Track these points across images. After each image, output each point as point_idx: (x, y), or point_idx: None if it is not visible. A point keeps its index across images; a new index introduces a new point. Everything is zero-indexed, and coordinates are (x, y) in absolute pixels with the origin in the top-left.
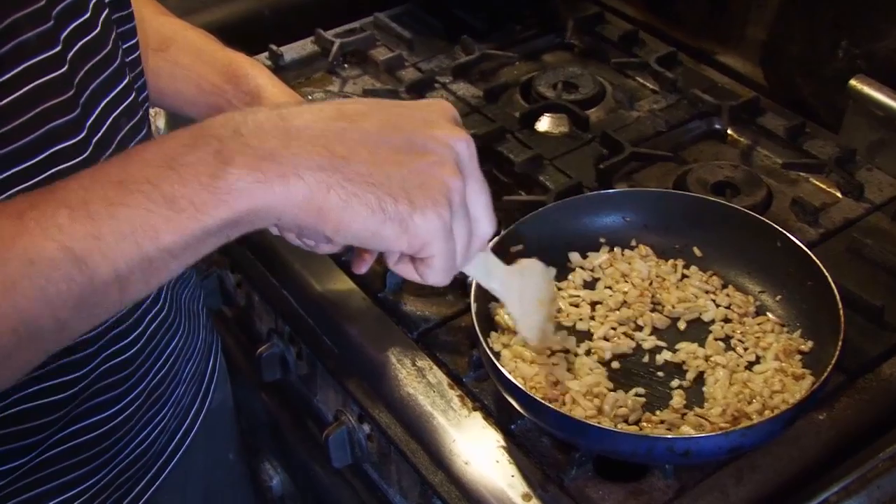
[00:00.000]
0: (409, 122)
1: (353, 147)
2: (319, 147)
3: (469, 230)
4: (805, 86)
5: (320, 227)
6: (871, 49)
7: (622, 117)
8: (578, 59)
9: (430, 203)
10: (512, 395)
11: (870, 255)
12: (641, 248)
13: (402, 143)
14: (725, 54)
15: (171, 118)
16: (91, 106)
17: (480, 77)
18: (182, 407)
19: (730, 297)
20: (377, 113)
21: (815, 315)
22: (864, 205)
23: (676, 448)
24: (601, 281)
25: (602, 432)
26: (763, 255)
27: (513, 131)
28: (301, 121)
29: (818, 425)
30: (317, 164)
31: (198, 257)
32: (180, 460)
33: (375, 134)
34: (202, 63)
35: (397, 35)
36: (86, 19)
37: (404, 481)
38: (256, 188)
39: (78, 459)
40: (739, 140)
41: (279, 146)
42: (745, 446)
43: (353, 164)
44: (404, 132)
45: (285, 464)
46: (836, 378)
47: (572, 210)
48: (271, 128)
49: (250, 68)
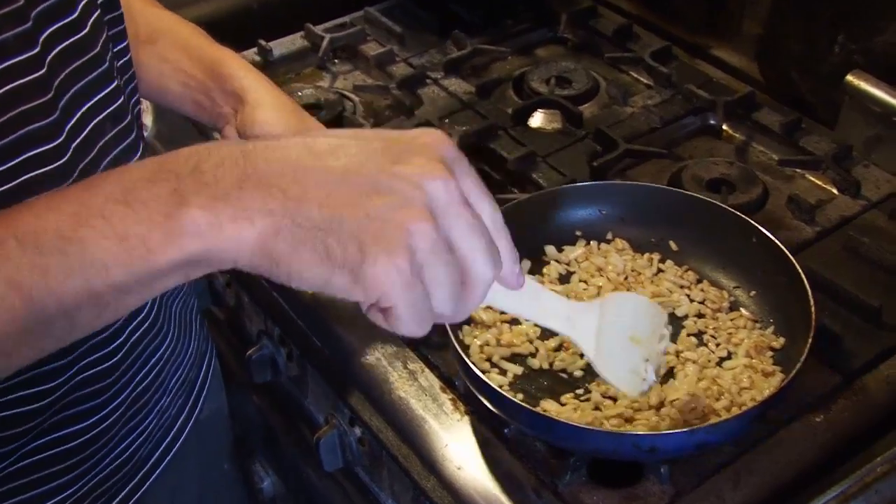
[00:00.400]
0: (381, 159)
1: (309, 188)
2: (274, 189)
3: (452, 275)
4: (801, 81)
5: (275, 273)
6: (868, 44)
7: (616, 113)
8: (572, 53)
9: (382, 251)
10: (481, 391)
11: (867, 254)
12: (618, 241)
13: (366, 183)
14: (720, 49)
15: (157, 116)
16: (72, 109)
17: (472, 72)
18: (168, 416)
19: (704, 293)
20: (350, 149)
21: (789, 311)
22: (860, 202)
23: (642, 444)
24: (576, 275)
25: (568, 428)
26: (739, 250)
27: (505, 128)
28: (263, 159)
29: (815, 428)
30: (268, 208)
31: (156, 293)
32: (168, 468)
33: (339, 174)
34: (189, 59)
35: (388, 30)
36: (71, 21)
37: (396, 485)
38: (208, 230)
39: (55, 469)
40: (734, 136)
41: (234, 187)
42: (711, 443)
43: (305, 208)
44: (370, 172)
45: (276, 466)
46: (832, 379)
47: (548, 203)
48: (231, 166)
49: (237, 68)
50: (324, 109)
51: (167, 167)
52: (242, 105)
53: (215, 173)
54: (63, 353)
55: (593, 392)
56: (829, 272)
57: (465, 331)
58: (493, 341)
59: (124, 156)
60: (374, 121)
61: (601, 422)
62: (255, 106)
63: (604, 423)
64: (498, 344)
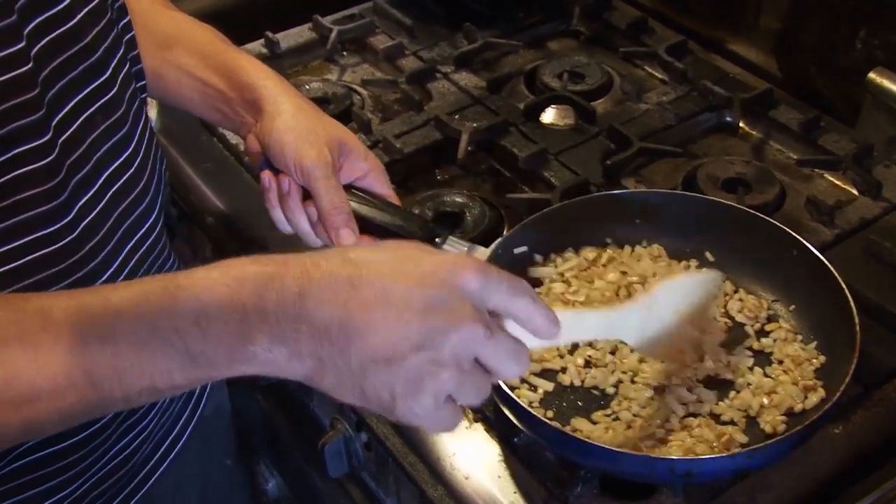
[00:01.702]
0: (416, 312)
1: (353, 340)
2: (324, 339)
3: (481, 384)
4: (821, 77)
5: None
6: (891, 40)
7: (630, 110)
8: (585, 47)
9: (411, 399)
10: (509, 408)
11: (888, 259)
12: (654, 247)
13: (402, 341)
14: (737, 43)
15: (162, 109)
16: (58, 104)
17: (483, 66)
18: (169, 416)
19: (742, 302)
20: (392, 298)
21: (830, 329)
22: (881, 204)
23: (677, 469)
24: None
25: (601, 451)
26: (778, 262)
27: (517, 124)
28: (315, 301)
29: (833, 439)
30: (318, 355)
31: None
32: (170, 467)
33: (379, 326)
34: (206, 67)
35: (398, 21)
36: (57, 11)
37: (403, 493)
38: (266, 364)
39: (52, 469)
40: (751, 134)
41: (292, 329)
42: (752, 468)
43: (347, 357)
44: (406, 330)
45: (281, 468)
46: (852, 389)
47: (581, 210)
48: (290, 305)
49: (255, 76)
50: (332, 103)
51: (237, 297)
52: (262, 115)
53: (276, 313)
54: None
55: (623, 411)
56: (848, 277)
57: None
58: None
59: (116, 149)
60: (382, 115)
61: (634, 443)
62: (274, 115)
63: (637, 444)
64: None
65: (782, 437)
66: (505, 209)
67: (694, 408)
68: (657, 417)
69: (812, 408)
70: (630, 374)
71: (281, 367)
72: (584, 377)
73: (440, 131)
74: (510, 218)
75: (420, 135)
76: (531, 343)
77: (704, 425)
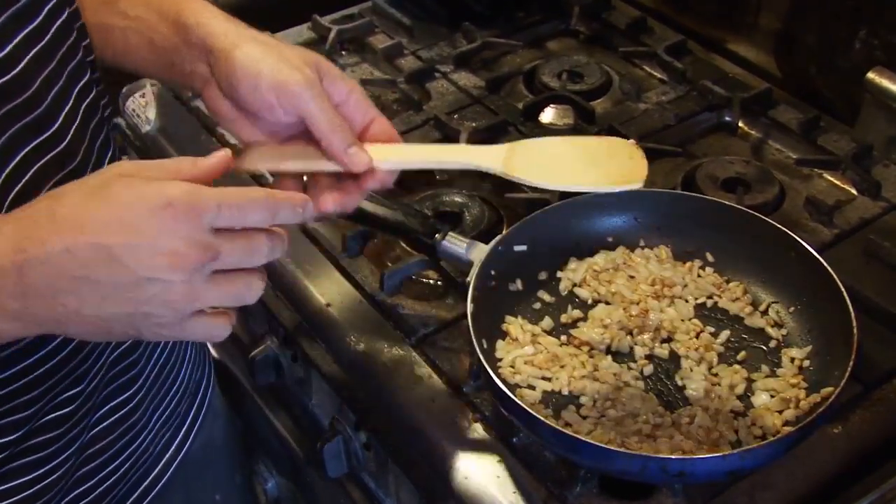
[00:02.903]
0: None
1: (85, 298)
2: (56, 304)
3: (233, 286)
4: (820, 77)
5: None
6: (890, 40)
7: (629, 109)
8: (584, 46)
9: (154, 328)
10: (505, 406)
11: (887, 259)
12: (661, 249)
13: (127, 288)
14: (737, 43)
15: (161, 110)
16: (3, 158)
17: (482, 66)
18: (148, 457)
19: (740, 300)
20: (113, 251)
21: (829, 331)
22: (881, 204)
23: (670, 468)
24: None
25: (595, 449)
26: (777, 263)
27: (516, 124)
28: (37, 274)
29: (833, 439)
30: (55, 318)
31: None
32: (160, 495)
33: (104, 279)
34: (152, 12)
35: (397, 21)
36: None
37: (402, 493)
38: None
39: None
40: (750, 133)
41: (20, 303)
42: (745, 469)
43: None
44: (127, 278)
45: (280, 468)
46: (852, 389)
47: (580, 209)
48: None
49: (201, 15)
50: None
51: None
52: (214, 56)
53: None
54: (31, 387)
55: (614, 409)
56: (847, 277)
57: (499, 346)
58: (521, 359)
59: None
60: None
61: (622, 440)
62: (230, 50)
63: (625, 441)
64: (532, 365)
65: (775, 438)
66: (504, 209)
67: (690, 409)
68: (645, 412)
69: (809, 409)
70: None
71: (24, 334)
72: (582, 389)
73: (439, 131)
74: (509, 217)
75: (419, 134)
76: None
77: (697, 423)
